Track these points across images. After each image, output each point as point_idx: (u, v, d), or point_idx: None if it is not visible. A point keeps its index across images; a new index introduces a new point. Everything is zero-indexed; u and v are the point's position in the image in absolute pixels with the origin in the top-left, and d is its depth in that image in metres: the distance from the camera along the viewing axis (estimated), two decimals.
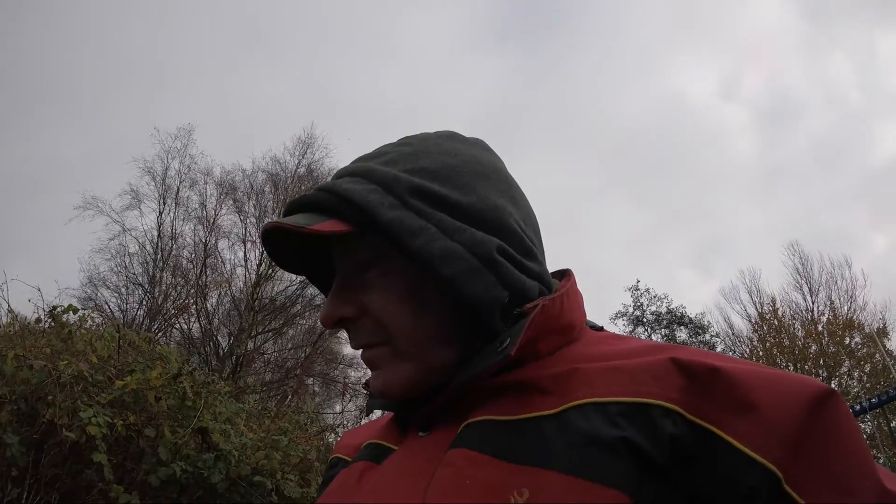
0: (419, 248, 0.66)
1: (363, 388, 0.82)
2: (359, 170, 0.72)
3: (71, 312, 4.37)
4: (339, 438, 0.90)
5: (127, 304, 19.93)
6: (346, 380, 20.35)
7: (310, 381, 19.25)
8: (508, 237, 0.71)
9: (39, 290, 4.44)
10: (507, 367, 0.66)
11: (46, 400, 3.14)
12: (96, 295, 19.58)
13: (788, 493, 0.53)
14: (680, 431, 0.56)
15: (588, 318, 0.80)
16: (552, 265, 0.81)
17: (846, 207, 38.77)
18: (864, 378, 21.86)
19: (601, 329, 0.80)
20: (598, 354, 0.67)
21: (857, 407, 9.68)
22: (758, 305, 24.88)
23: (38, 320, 4.33)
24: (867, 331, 21.93)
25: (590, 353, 0.68)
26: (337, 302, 0.73)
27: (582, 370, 0.64)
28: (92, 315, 4.87)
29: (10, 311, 4.30)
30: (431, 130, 0.81)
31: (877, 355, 20.69)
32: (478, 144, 0.81)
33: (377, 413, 0.83)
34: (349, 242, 0.72)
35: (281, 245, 0.76)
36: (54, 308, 4.19)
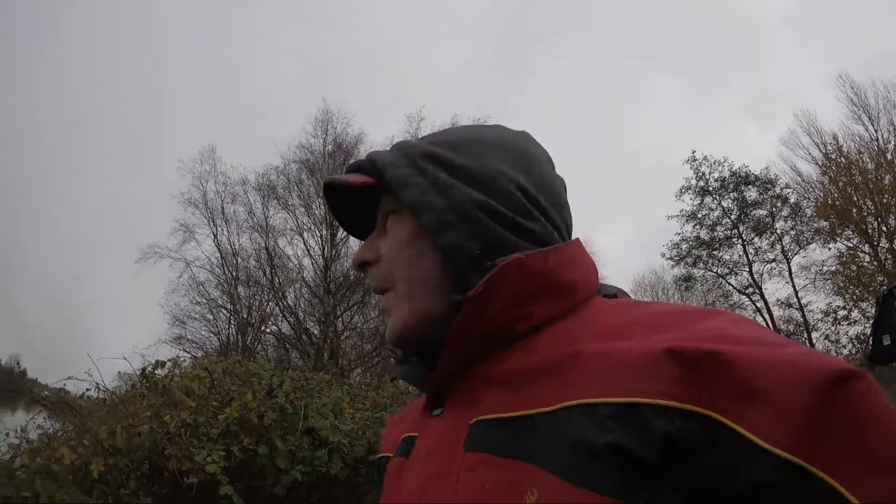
0: (409, 198, 0.76)
1: (387, 353, 0.93)
2: (399, 143, 0.85)
3: (160, 367, 4.73)
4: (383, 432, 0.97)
5: (217, 328, 20.90)
6: None
7: None
8: (498, 195, 0.76)
9: (126, 357, 4.79)
10: (509, 339, 0.71)
11: (164, 454, 3.46)
12: (185, 331, 20.60)
13: (818, 477, 0.49)
14: (676, 428, 0.53)
15: (607, 281, 0.82)
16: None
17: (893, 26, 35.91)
18: None
19: (614, 296, 0.80)
20: (600, 332, 0.67)
21: None
22: (821, 146, 23.82)
23: (134, 386, 4.69)
24: None
25: (592, 330, 0.68)
26: (364, 248, 0.85)
27: (584, 354, 0.63)
28: (180, 359, 5.21)
29: (105, 389, 4.67)
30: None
31: None
32: (512, 131, 0.88)
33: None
34: (381, 196, 0.84)
35: (340, 203, 0.89)
36: (143, 370, 4.54)
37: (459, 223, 0.74)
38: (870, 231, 22.11)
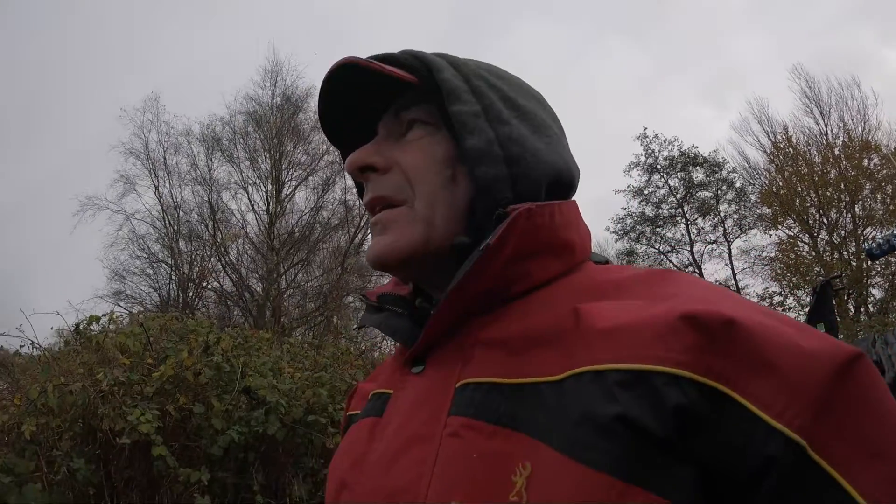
0: (459, 111, 0.68)
1: (360, 299, 0.82)
2: (442, 53, 0.76)
3: (95, 322, 4.63)
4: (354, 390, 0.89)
5: (157, 283, 20.53)
6: None
7: (349, 299, 19.79)
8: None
9: (59, 313, 4.69)
10: (501, 300, 0.66)
11: (97, 413, 3.42)
12: (125, 286, 20.18)
13: (815, 461, 0.48)
14: (689, 399, 0.51)
15: (593, 249, 0.78)
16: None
17: (852, 27, 36.29)
18: (888, 200, 21.26)
19: (606, 262, 0.75)
20: (597, 290, 0.64)
21: (883, 243, 9.50)
22: (770, 135, 24.07)
23: (67, 342, 4.59)
24: (884, 151, 21.05)
25: (589, 288, 0.65)
26: (370, 150, 0.73)
27: (583, 312, 0.60)
28: (116, 315, 5.11)
29: (37, 346, 4.55)
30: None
31: None
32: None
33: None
34: (405, 99, 0.74)
35: (334, 101, 0.77)
36: (77, 325, 4.44)
37: (502, 163, 0.67)
38: (811, 222, 22.57)
